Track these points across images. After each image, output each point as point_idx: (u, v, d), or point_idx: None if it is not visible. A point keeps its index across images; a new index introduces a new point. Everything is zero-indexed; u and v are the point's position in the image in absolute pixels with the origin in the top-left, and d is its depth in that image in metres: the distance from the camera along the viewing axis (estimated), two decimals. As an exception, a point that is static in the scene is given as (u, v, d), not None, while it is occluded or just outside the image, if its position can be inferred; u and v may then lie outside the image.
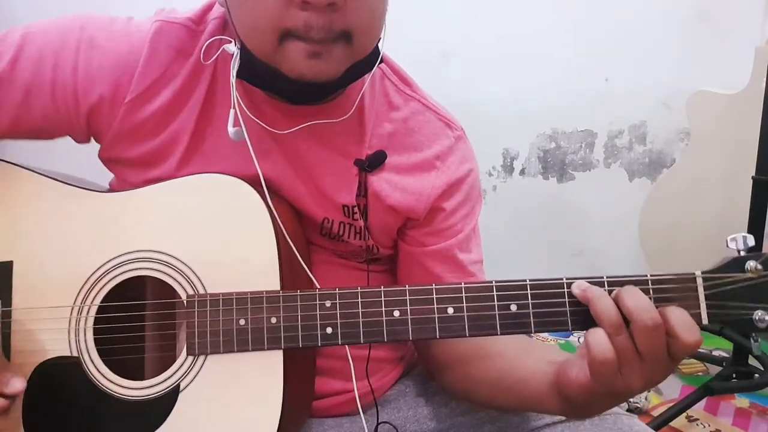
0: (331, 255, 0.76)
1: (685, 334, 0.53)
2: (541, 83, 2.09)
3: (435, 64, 2.08)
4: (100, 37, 0.69)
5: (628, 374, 0.54)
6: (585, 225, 2.20)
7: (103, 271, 0.66)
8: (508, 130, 2.16)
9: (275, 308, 0.62)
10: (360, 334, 0.61)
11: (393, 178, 0.74)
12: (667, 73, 2.09)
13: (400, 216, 0.75)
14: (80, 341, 0.65)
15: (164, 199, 0.68)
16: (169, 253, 0.66)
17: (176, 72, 0.70)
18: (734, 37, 2.02)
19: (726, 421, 1.62)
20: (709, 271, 0.57)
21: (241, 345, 0.63)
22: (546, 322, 0.59)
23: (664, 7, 2.07)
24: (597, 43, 2.07)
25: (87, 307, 0.66)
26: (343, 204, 0.73)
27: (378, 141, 0.74)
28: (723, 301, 0.57)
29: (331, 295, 0.62)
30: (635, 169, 2.20)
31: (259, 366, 0.63)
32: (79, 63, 0.68)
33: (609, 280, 0.58)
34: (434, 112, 0.77)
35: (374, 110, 0.74)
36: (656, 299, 0.57)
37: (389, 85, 0.76)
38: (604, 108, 2.14)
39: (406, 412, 0.81)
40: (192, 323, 0.63)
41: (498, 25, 2.06)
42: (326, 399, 0.78)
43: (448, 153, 0.76)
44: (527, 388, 0.65)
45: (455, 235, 0.77)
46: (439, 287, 0.61)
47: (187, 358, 0.64)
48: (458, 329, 0.60)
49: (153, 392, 0.64)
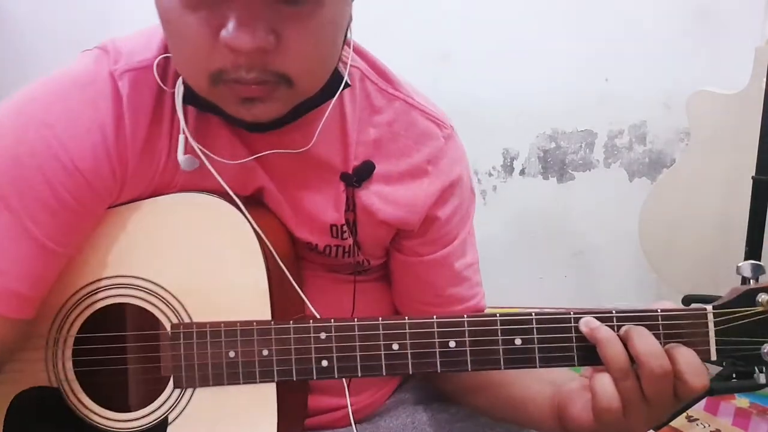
0: (320, 269, 0.72)
1: (692, 378, 0.53)
2: (541, 83, 2.09)
3: (435, 64, 2.08)
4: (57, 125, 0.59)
5: (632, 416, 0.54)
6: (585, 225, 2.20)
7: (78, 298, 0.62)
8: (508, 130, 2.16)
9: (267, 340, 0.59)
10: (358, 368, 0.58)
11: (383, 190, 0.68)
12: (667, 73, 2.08)
13: (393, 229, 0.71)
14: (59, 372, 0.62)
15: (143, 221, 0.62)
16: (149, 278, 0.61)
17: (142, 116, 0.62)
18: (734, 37, 2.02)
19: (726, 421, 1.62)
20: (719, 306, 0.56)
21: (231, 378, 0.59)
22: (552, 357, 0.56)
23: (664, 7, 2.06)
24: (597, 43, 2.07)
25: (63, 337, 0.62)
26: (331, 224, 0.68)
27: (364, 149, 0.68)
28: (732, 337, 0.56)
29: (326, 327, 0.58)
30: (635, 169, 2.20)
31: (250, 398, 0.60)
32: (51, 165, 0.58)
33: (618, 315, 0.56)
34: (420, 110, 0.71)
35: (356, 116, 0.68)
36: (666, 335, 0.56)
37: (370, 85, 0.69)
38: (604, 108, 2.14)
39: (404, 420, 0.79)
40: (178, 356, 0.60)
41: (498, 25, 2.06)
42: (320, 416, 0.75)
43: (439, 155, 0.71)
44: (527, 410, 0.65)
45: (451, 242, 0.73)
46: (440, 320, 0.58)
47: (174, 390, 0.61)
48: (461, 363, 0.57)
49: (140, 425, 0.61)
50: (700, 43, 2.07)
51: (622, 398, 0.53)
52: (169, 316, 0.61)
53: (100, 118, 0.60)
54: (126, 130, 0.60)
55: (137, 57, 0.62)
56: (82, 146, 0.59)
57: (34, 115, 0.60)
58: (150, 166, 0.62)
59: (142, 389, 0.64)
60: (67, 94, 0.60)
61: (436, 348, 0.57)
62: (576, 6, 2.06)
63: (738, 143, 1.71)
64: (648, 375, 0.53)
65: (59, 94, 0.61)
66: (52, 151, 0.58)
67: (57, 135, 0.59)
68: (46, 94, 0.61)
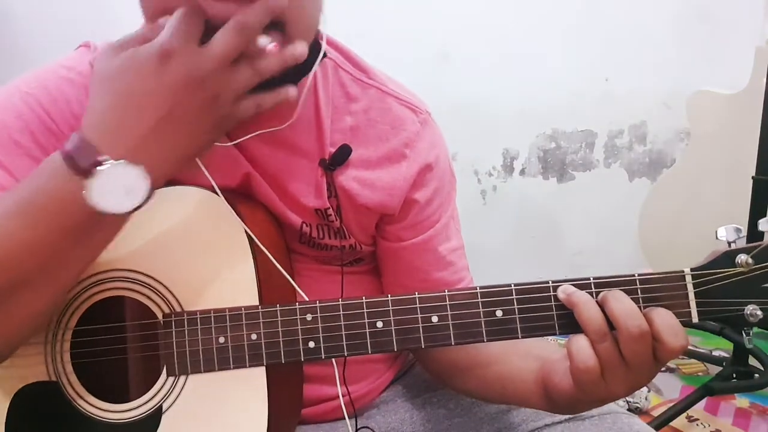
0: (312, 262, 0.74)
1: (670, 338, 0.52)
2: (541, 83, 2.09)
3: (435, 64, 2.08)
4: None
5: (612, 380, 0.54)
6: (585, 225, 2.20)
7: (75, 292, 0.64)
8: (508, 130, 2.16)
9: (255, 324, 0.61)
10: (344, 347, 0.60)
11: (361, 175, 0.70)
12: (667, 73, 2.09)
13: (374, 213, 0.72)
14: (57, 365, 0.64)
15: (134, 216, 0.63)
16: (141, 271, 0.63)
17: None
18: (734, 37, 2.02)
19: (726, 422, 1.62)
20: (698, 268, 0.56)
21: (222, 363, 0.61)
22: (533, 327, 0.57)
23: (664, 7, 2.07)
24: (597, 43, 2.07)
25: (62, 331, 0.64)
26: (315, 208, 0.70)
27: (340, 136, 0.70)
28: (713, 298, 0.55)
29: (311, 308, 0.60)
30: (635, 169, 2.20)
31: (242, 383, 0.61)
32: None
33: (595, 281, 0.57)
34: (395, 97, 0.73)
35: (330, 104, 0.70)
36: (644, 299, 0.56)
37: (344, 74, 0.71)
38: (604, 108, 2.14)
39: (402, 415, 0.80)
40: (170, 344, 0.62)
41: (498, 25, 2.06)
42: (316, 406, 0.76)
43: (415, 139, 0.72)
44: (515, 387, 0.65)
45: (432, 225, 0.74)
46: (422, 296, 0.59)
47: (167, 379, 0.62)
48: (443, 338, 0.58)
49: (135, 414, 0.63)
50: (700, 43, 2.07)
51: (600, 360, 0.53)
52: (161, 307, 0.63)
53: (75, 92, 0.65)
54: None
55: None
56: (60, 110, 0.65)
57: (18, 86, 0.66)
58: None
59: (137, 379, 0.65)
60: (49, 72, 0.67)
61: (419, 323, 0.59)
62: (576, 6, 2.06)
63: (738, 143, 1.71)
64: (626, 336, 0.52)
65: (43, 71, 0.67)
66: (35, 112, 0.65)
67: (38, 100, 0.65)
68: (33, 73, 0.68)
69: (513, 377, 0.65)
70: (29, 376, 0.63)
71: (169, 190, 0.64)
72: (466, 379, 0.73)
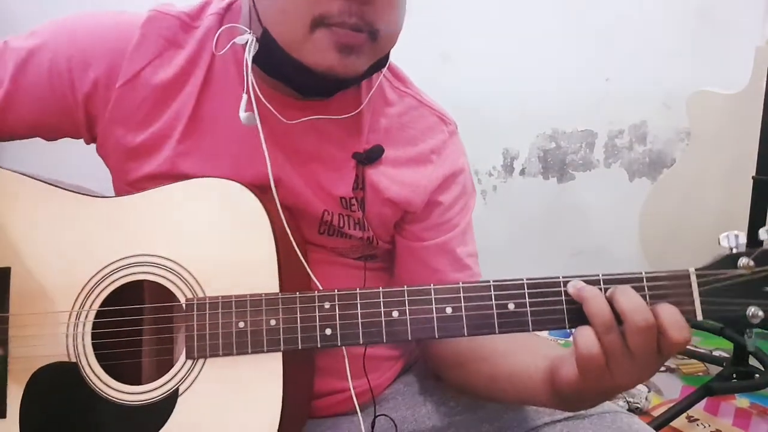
0: (328, 254, 0.76)
1: (674, 332, 0.54)
2: (541, 83, 2.09)
3: (435, 64, 2.08)
4: (90, 26, 0.71)
5: (617, 370, 0.55)
6: (585, 225, 2.20)
7: (102, 275, 0.66)
8: (508, 130, 2.16)
9: (274, 310, 0.62)
10: (359, 335, 0.61)
11: (390, 171, 0.75)
12: (667, 73, 2.09)
13: (398, 209, 0.75)
14: (78, 346, 0.65)
15: (162, 204, 0.67)
16: (167, 257, 0.65)
17: (166, 62, 0.70)
18: (734, 37, 2.02)
19: (726, 422, 1.62)
20: (702, 268, 0.58)
21: (240, 348, 0.62)
22: (543, 320, 0.59)
23: (664, 7, 2.07)
24: (597, 43, 2.07)
25: (85, 312, 0.65)
26: (341, 196, 0.73)
27: (375, 136, 0.75)
28: (717, 298, 0.57)
29: (330, 296, 0.62)
30: (635, 169, 2.20)
31: (258, 369, 0.63)
32: (73, 52, 0.69)
33: (604, 278, 0.59)
34: (428, 107, 0.79)
35: (371, 106, 0.75)
36: (651, 296, 0.58)
37: (384, 81, 0.77)
38: (604, 108, 2.14)
39: (404, 412, 0.80)
40: (191, 326, 0.63)
41: (498, 25, 2.06)
42: (325, 398, 0.78)
43: (443, 147, 0.78)
44: (521, 381, 0.66)
45: (452, 229, 0.78)
46: (438, 287, 0.61)
47: (185, 362, 0.64)
48: (457, 329, 0.60)
49: (151, 397, 0.64)
50: (700, 43, 2.07)
51: (605, 351, 0.55)
52: (184, 291, 0.65)
53: (114, 36, 0.70)
54: (140, 60, 0.70)
55: (174, 8, 0.73)
56: (94, 49, 0.70)
57: (78, 15, 0.73)
58: (160, 105, 0.70)
59: (156, 362, 0.68)
60: (108, 12, 0.73)
61: (433, 314, 0.60)
62: (576, 6, 2.06)
63: (738, 143, 1.71)
64: (632, 328, 0.54)
65: (97, 14, 0.73)
66: (66, 44, 0.70)
67: (81, 29, 0.71)
68: (101, 11, 0.73)
69: (521, 372, 0.67)
70: (49, 356, 0.65)
71: (194, 182, 0.67)
72: (471, 373, 0.74)
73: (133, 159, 0.72)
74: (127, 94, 0.70)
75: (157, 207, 0.67)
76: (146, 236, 0.66)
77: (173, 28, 0.71)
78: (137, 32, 0.70)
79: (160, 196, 0.68)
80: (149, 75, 0.70)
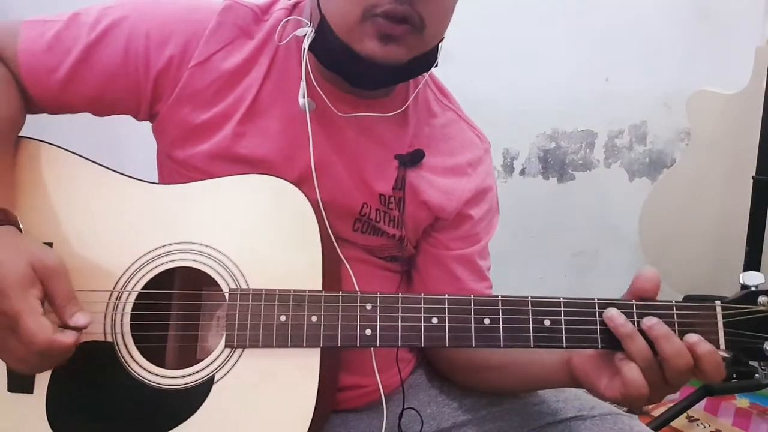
0: (358, 251, 0.78)
1: (713, 374, 0.59)
2: (541, 83, 2.09)
3: (435, 64, 2.08)
4: (169, 6, 0.75)
5: (653, 395, 0.60)
6: (585, 225, 2.20)
7: (147, 259, 0.67)
8: (508, 130, 2.16)
9: (317, 307, 0.64)
10: (398, 338, 0.63)
11: (429, 177, 0.79)
12: (667, 73, 2.08)
13: (431, 213, 0.79)
14: (116, 326, 0.65)
15: (214, 195, 0.69)
16: (214, 246, 0.67)
17: (237, 49, 0.74)
18: (734, 37, 2.02)
19: (726, 422, 1.62)
20: (727, 302, 0.62)
21: (280, 341, 0.64)
22: (578, 338, 0.61)
23: (664, 7, 2.06)
24: (597, 43, 2.07)
25: (127, 293, 0.66)
26: (381, 193, 0.77)
27: (417, 141, 0.79)
28: (738, 330, 0.61)
29: (372, 298, 0.64)
30: (635, 169, 2.20)
31: (295, 363, 0.64)
32: (151, 28, 0.72)
33: (637, 304, 0.61)
34: (467, 123, 0.86)
35: (417, 113, 0.81)
36: (680, 324, 0.61)
37: (430, 93, 0.84)
38: (604, 108, 2.14)
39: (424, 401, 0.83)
40: (233, 316, 0.64)
41: (498, 25, 2.06)
42: (345, 392, 0.79)
43: (478, 162, 0.84)
44: (536, 367, 0.70)
45: (477, 242, 0.83)
46: (477, 299, 0.63)
47: (224, 350, 0.64)
48: (493, 339, 0.62)
49: (187, 382, 0.64)
50: (700, 43, 2.07)
51: (648, 384, 0.59)
52: (227, 281, 0.66)
53: (194, 18, 0.74)
54: (214, 44, 0.73)
55: (248, 1, 0.77)
56: (173, 29, 0.73)
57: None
58: (227, 88, 0.74)
59: (193, 348, 0.69)
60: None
61: (471, 323, 0.62)
62: (576, 6, 2.06)
63: (738, 143, 1.71)
64: (674, 371, 0.59)
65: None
66: (147, 21, 0.73)
67: (163, 7, 0.75)
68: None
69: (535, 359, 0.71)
70: (86, 333, 0.64)
71: (247, 177, 0.69)
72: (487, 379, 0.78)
73: (195, 136, 0.74)
74: (198, 74, 0.73)
75: (209, 197, 0.69)
76: (195, 225, 0.68)
77: (247, 19, 0.76)
78: (214, 18, 0.74)
79: (212, 188, 0.69)
80: (220, 59, 0.73)
